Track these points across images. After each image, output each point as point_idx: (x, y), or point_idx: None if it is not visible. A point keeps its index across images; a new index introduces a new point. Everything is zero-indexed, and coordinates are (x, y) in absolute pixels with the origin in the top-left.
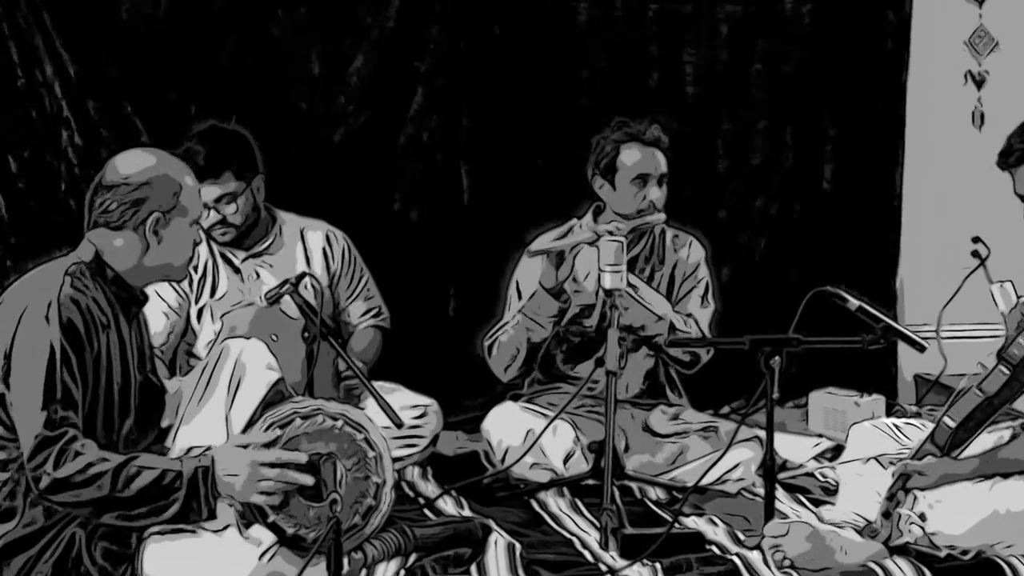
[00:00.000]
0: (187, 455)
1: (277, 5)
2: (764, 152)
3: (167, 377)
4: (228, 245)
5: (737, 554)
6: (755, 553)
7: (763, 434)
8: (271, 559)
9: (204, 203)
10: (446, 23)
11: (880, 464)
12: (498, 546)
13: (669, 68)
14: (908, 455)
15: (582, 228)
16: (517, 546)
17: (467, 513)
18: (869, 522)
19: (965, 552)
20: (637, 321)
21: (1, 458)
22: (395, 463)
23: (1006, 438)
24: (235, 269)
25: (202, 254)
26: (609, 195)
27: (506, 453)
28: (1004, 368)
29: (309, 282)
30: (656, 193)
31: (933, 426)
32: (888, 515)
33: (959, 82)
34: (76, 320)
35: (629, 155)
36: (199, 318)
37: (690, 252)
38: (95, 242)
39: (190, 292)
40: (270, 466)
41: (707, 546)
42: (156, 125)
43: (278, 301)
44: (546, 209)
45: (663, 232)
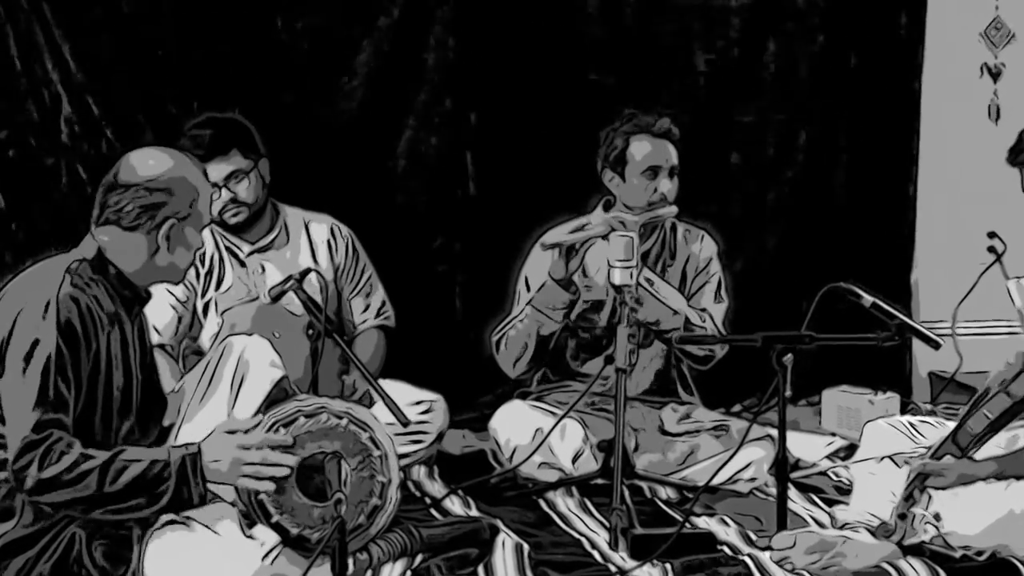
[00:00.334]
0: (174, 445)
1: None
2: (777, 146)
3: (179, 373)
4: (236, 231)
5: (749, 555)
6: (767, 554)
7: (775, 433)
8: (274, 560)
9: (214, 183)
10: (452, 14)
11: (894, 463)
12: (506, 547)
13: (680, 60)
14: (925, 454)
15: (592, 218)
16: (525, 547)
17: (474, 513)
18: (883, 522)
19: (980, 552)
20: (652, 316)
21: (0, 457)
22: (400, 460)
23: (1021, 437)
24: (240, 262)
25: (208, 247)
26: (619, 188)
27: (514, 452)
28: None
29: (313, 278)
30: (667, 185)
31: (954, 426)
32: (904, 517)
33: (975, 75)
34: (74, 319)
35: (639, 147)
36: (205, 312)
37: (702, 247)
38: (100, 239)
39: (197, 286)
40: (255, 448)
41: (718, 547)
42: (158, 120)
43: (282, 297)
44: (554, 203)
45: (674, 227)
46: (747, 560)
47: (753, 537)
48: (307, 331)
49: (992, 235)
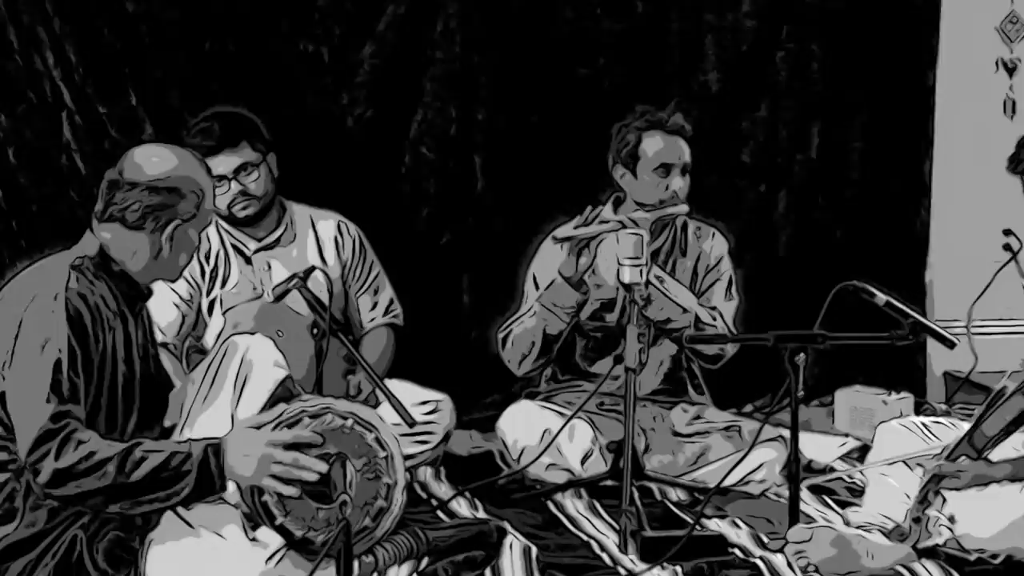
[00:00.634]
0: (194, 438)
1: None
2: (789, 142)
3: (182, 372)
4: (243, 227)
5: (761, 557)
6: (779, 556)
7: (787, 433)
8: (279, 563)
9: (223, 175)
10: (460, 8)
11: (908, 465)
12: (513, 549)
13: (690, 55)
14: (939, 455)
15: (602, 215)
16: (533, 549)
17: (481, 515)
18: (897, 525)
19: (995, 555)
20: (662, 314)
21: (1, 458)
22: (406, 460)
23: None
24: (246, 260)
25: (212, 244)
26: (630, 185)
27: (522, 453)
28: None
29: (319, 276)
30: (679, 183)
31: (969, 427)
32: (918, 519)
33: (990, 69)
34: (83, 314)
35: (652, 143)
36: (210, 310)
37: (713, 245)
38: (102, 236)
39: (202, 283)
40: (285, 447)
41: (730, 549)
42: (161, 114)
43: (286, 296)
44: (563, 199)
45: (685, 224)
46: (759, 563)
47: (765, 540)
48: (311, 330)
49: (1008, 232)
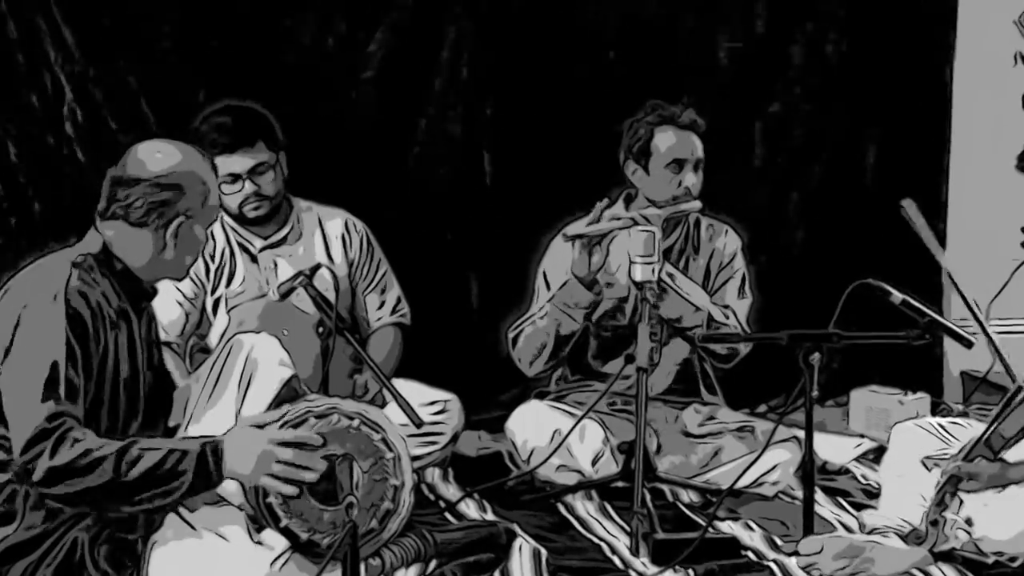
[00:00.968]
0: (192, 436)
1: None
2: (803, 138)
3: (186, 372)
4: (254, 224)
5: (774, 560)
6: (793, 559)
7: (802, 434)
8: (283, 566)
9: (237, 174)
10: (467, 3)
11: (924, 466)
12: (523, 552)
13: (703, 49)
14: (956, 457)
15: (613, 212)
16: (543, 552)
17: (490, 517)
18: (914, 528)
19: (1014, 558)
20: (674, 312)
21: (1, 459)
22: (414, 462)
23: None
24: (252, 258)
25: (218, 243)
26: (642, 181)
27: (531, 454)
28: None
29: (325, 274)
30: (692, 179)
31: (984, 428)
32: (935, 522)
33: (1008, 63)
34: (84, 312)
35: (664, 139)
36: (215, 309)
37: (726, 242)
38: (105, 234)
39: (206, 282)
40: (285, 446)
41: (742, 552)
42: (164, 109)
43: (291, 294)
44: (574, 196)
45: (698, 222)
46: (772, 566)
47: (779, 542)
48: (317, 329)
49: None
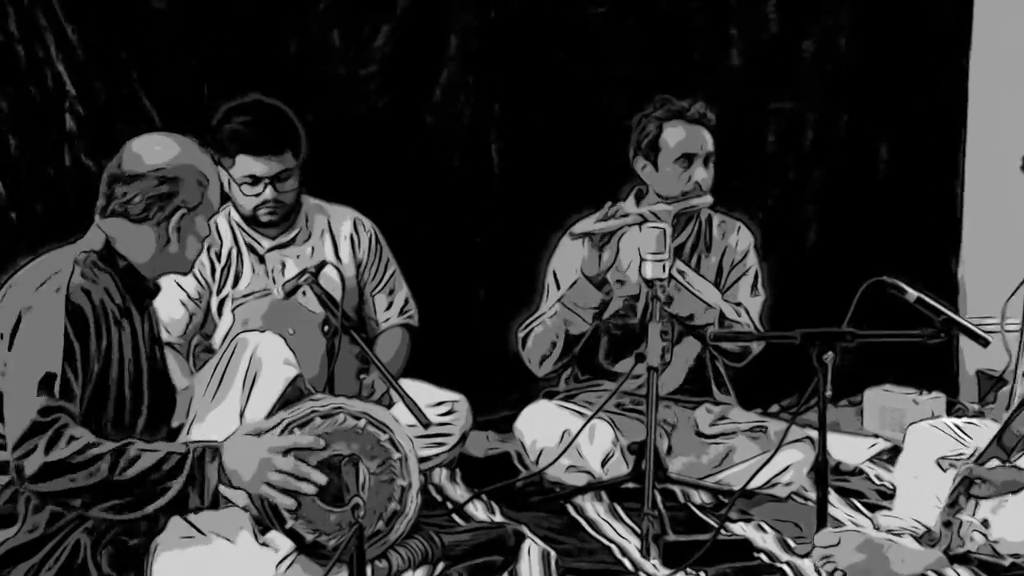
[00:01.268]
0: (192, 440)
1: None
2: (817, 133)
3: (189, 371)
4: (266, 227)
5: (788, 563)
6: (806, 562)
7: (815, 434)
8: (289, 568)
9: (259, 177)
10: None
11: (940, 467)
12: (532, 554)
13: (715, 43)
14: (970, 458)
15: (623, 208)
16: (552, 554)
17: (498, 519)
18: (928, 530)
19: None
20: (685, 310)
21: (1, 459)
22: (421, 463)
23: None
24: (260, 258)
25: (225, 242)
26: (652, 176)
27: (540, 454)
28: None
29: (331, 272)
30: (702, 174)
31: (999, 428)
32: (950, 524)
33: None
34: (86, 309)
35: (673, 133)
36: (220, 310)
37: (738, 239)
38: (109, 231)
39: (212, 282)
40: (284, 453)
41: (755, 554)
42: (166, 104)
43: (296, 292)
44: (583, 192)
45: (710, 218)
46: (785, 568)
47: (792, 544)
48: (323, 327)
49: None
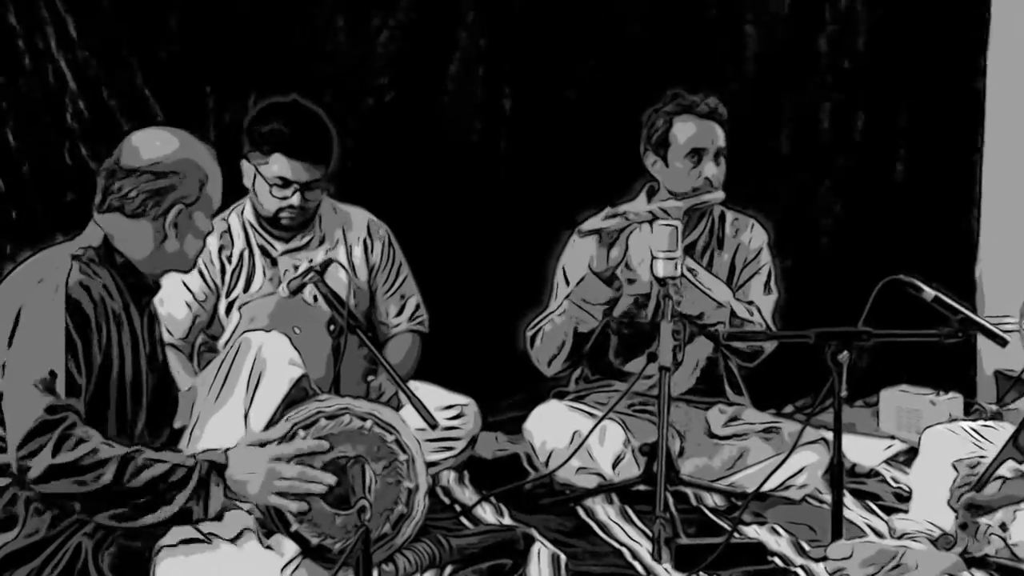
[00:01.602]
0: (200, 452)
1: None
2: (832, 130)
3: (193, 372)
4: (283, 230)
5: (802, 566)
6: (821, 565)
7: (830, 435)
8: (294, 571)
9: (291, 181)
10: None
11: (956, 469)
12: (541, 557)
13: (728, 38)
14: (986, 460)
15: (634, 205)
16: (562, 557)
17: (507, 521)
18: (944, 533)
19: None
20: (695, 309)
21: (1, 462)
22: (429, 468)
23: None
24: (272, 261)
25: (237, 244)
26: (662, 172)
27: (550, 456)
28: None
29: (339, 271)
30: (712, 169)
31: (1015, 429)
32: (966, 527)
33: None
34: (85, 305)
35: (683, 128)
36: (228, 312)
37: (752, 237)
38: (107, 226)
39: (220, 284)
40: (289, 461)
41: (769, 557)
42: (169, 99)
43: (301, 290)
44: (594, 189)
45: (722, 215)
46: (800, 572)
47: (806, 547)
48: (328, 326)
49: None
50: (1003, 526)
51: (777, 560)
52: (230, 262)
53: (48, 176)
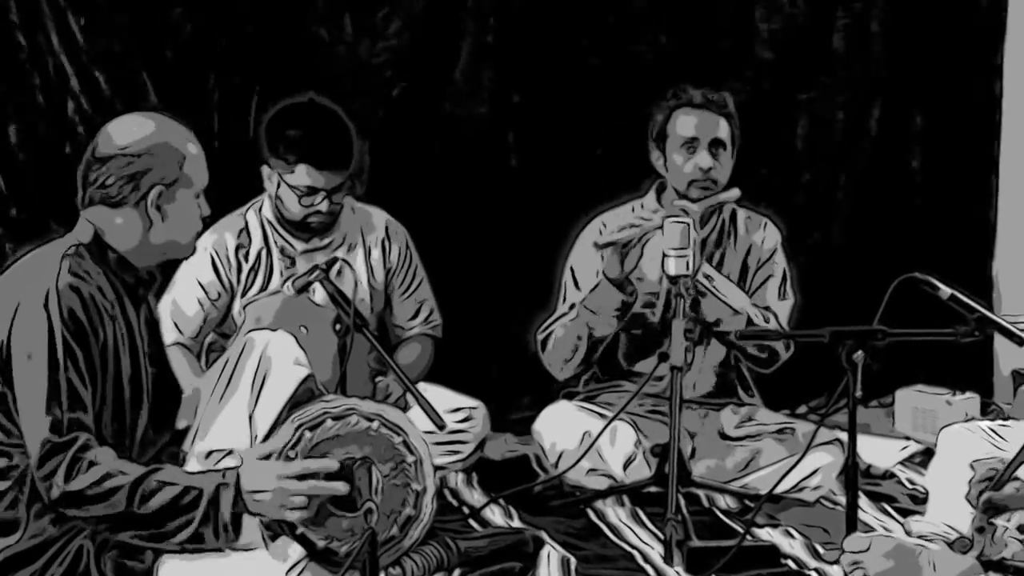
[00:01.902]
0: (211, 471)
1: None
2: (847, 126)
3: (200, 372)
4: (309, 232)
5: (816, 569)
6: (835, 568)
7: (845, 436)
8: (299, 575)
9: (319, 189)
10: None
11: (973, 470)
12: (551, 560)
13: (741, 31)
14: (1004, 463)
15: (644, 209)
16: (572, 560)
17: (516, 524)
18: (961, 536)
19: None
20: (711, 315)
21: (1, 465)
22: (436, 472)
23: None
24: (291, 261)
25: (255, 243)
26: (664, 167)
27: (560, 457)
28: None
29: (349, 273)
30: (707, 160)
31: None
32: (983, 530)
33: None
34: (78, 310)
35: (679, 120)
36: (243, 311)
37: (765, 236)
38: (93, 221)
39: (236, 283)
40: (298, 479)
41: (782, 560)
42: (170, 94)
43: (306, 289)
44: (604, 186)
45: (734, 213)
46: (813, 575)
47: (820, 550)
48: (334, 325)
49: None
50: (1021, 528)
51: (791, 563)
52: (247, 261)
53: (49, 174)
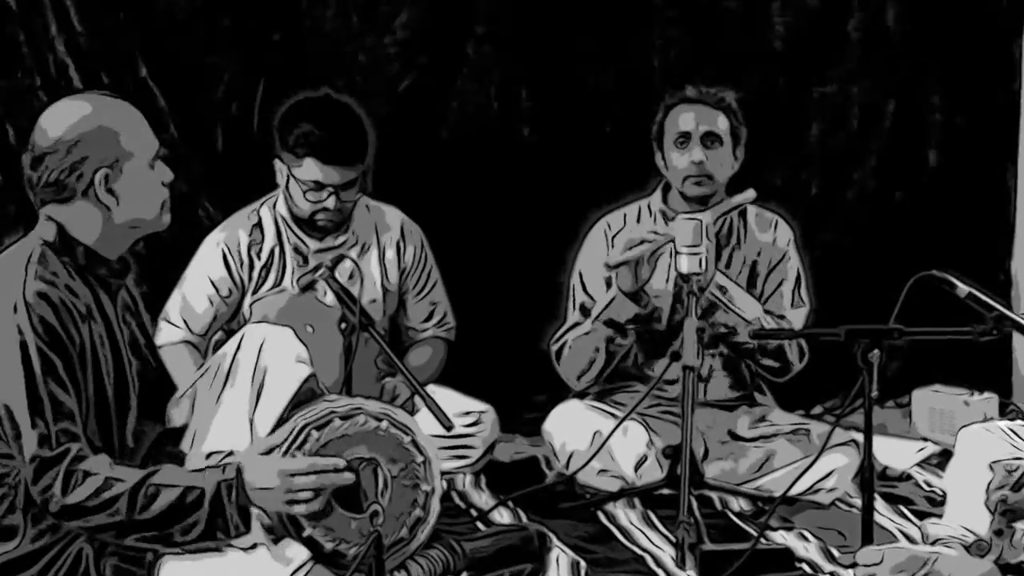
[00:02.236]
0: (210, 467)
1: None
2: (861, 122)
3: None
4: (319, 231)
5: (831, 573)
6: (850, 572)
7: (860, 437)
8: None
9: (327, 184)
10: None
11: (993, 471)
12: (560, 563)
13: (753, 25)
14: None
15: (653, 223)
16: (582, 564)
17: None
18: (979, 538)
19: None
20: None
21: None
22: (442, 476)
23: None
24: (304, 259)
25: (267, 241)
26: (665, 167)
27: (570, 458)
28: None
29: (350, 267)
30: (700, 154)
31: None
32: (1001, 532)
33: None
34: (50, 318)
35: (673, 116)
36: (250, 308)
37: (776, 235)
38: (55, 218)
39: (247, 280)
40: (303, 474)
41: (797, 564)
42: (172, 88)
43: (311, 287)
44: (614, 185)
45: (744, 211)
46: None
47: (836, 554)
48: (339, 324)
49: None
50: None
51: (805, 567)
52: (259, 258)
53: None
